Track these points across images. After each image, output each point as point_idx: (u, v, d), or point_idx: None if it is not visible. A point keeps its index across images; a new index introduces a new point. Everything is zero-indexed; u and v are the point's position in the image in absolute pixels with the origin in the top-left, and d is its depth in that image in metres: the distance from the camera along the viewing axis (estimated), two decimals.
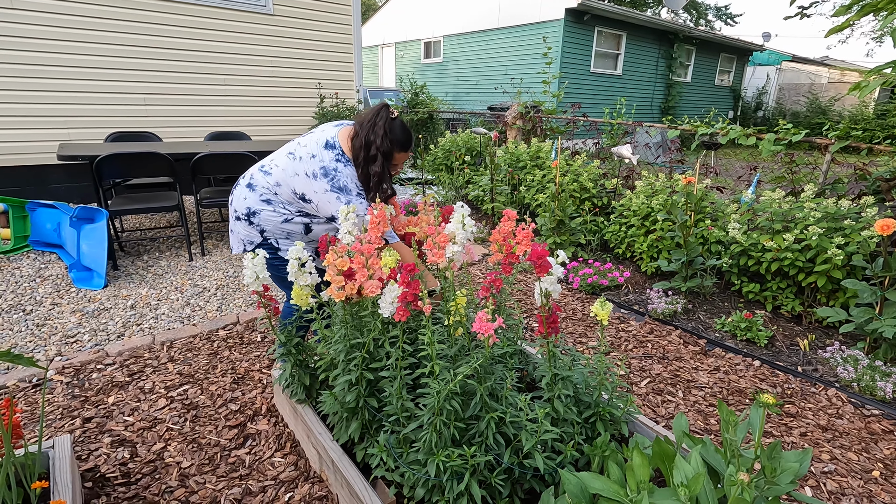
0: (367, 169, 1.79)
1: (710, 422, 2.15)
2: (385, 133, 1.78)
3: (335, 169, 1.78)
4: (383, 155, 1.79)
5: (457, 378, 1.31)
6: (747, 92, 17.13)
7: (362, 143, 1.78)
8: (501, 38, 12.36)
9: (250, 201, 1.88)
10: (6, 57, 4.39)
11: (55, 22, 4.56)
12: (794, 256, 2.89)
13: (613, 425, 1.60)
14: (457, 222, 1.42)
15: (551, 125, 6.10)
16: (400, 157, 1.87)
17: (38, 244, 3.78)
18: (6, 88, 4.44)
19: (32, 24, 4.46)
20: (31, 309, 2.90)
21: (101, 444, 1.85)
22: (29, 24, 4.44)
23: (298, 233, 1.92)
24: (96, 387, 2.19)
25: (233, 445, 1.88)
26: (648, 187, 3.91)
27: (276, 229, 1.90)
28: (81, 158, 3.35)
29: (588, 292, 3.49)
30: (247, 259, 1.56)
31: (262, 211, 1.87)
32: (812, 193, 3.16)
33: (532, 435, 1.34)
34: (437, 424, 1.34)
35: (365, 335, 1.48)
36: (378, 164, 1.79)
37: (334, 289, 1.43)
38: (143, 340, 2.58)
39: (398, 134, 1.81)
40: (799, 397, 2.34)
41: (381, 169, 1.79)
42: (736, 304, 3.28)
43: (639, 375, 2.49)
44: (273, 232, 1.90)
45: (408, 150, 1.86)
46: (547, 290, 1.41)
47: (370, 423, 1.59)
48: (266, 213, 1.87)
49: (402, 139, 1.82)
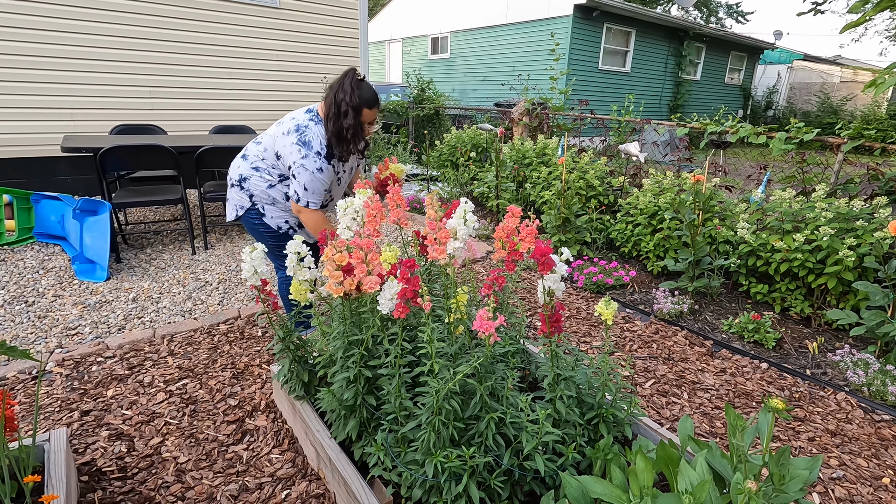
0: (341, 123, 1.94)
1: (715, 425, 2.11)
2: (353, 90, 1.93)
3: (306, 126, 1.99)
4: (353, 110, 1.94)
5: (456, 377, 1.28)
6: (757, 91, 16.93)
7: (332, 101, 1.95)
8: (509, 35, 12.27)
9: (242, 168, 2.13)
10: (13, 49, 4.39)
11: (62, 14, 4.55)
12: (805, 257, 2.83)
13: (616, 427, 1.56)
14: (458, 217, 1.39)
15: (558, 122, 6.04)
16: (368, 115, 2.00)
17: (42, 236, 3.78)
18: (13, 80, 4.44)
19: (39, 17, 4.45)
20: (33, 300, 2.90)
21: (99, 438, 1.83)
22: (36, 17, 4.43)
23: (281, 200, 2.13)
24: (96, 380, 2.18)
25: (231, 441, 1.86)
26: (656, 185, 3.86)
27: (263, 194, 2.12)
28: (85, 150, 3.34)
29: (593, 291, 3.45)
30: (245, 253, 1.53)
31: (251, 177, 2.11)
32: (823, 193, 3.09)
33: (533, 436, 1.31)
34: (436, 424, 1.31)
35: (363, 332, 1.46)
36: (350, 118, 1.94)
37: (332, 284, 1.40)
38: (144, 334, 2.57)
39: (365, 91, 1.96)
40: (807, 401, 2.29)
41: (354, 121, 1.95)
42: (743, 305, 3.23)
43: (643, 376, 2.45)
44: (260, 197, 2.13)
45: (375, 108, 2.01)
46: (550, 289, 1.38)
47: (368, 421, 1.57)
48: (254, 178, 2.10)
49: (369, 96, 1.97)
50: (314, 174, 1.97)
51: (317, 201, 2.04)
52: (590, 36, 11.21)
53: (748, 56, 15.74)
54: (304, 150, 1.96)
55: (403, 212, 1.67)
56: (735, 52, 15.10)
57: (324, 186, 2.03)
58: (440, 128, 8.19)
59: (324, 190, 2.04)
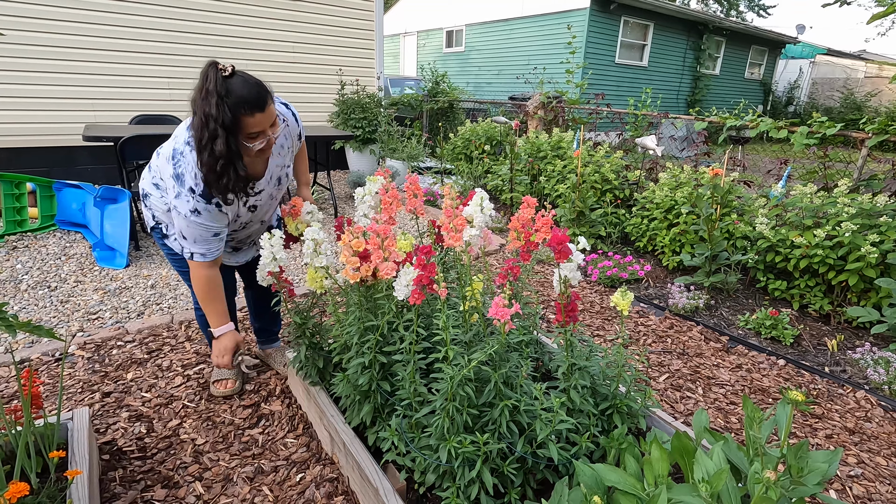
0: (212, 149, 1.39)
1: (730, 420, 2.09)
2: (220, 98, 1.35)
3: (181, 153, 1.50)
4: (225, 128, 1.37)
5: (471, 364, 1.28)
6: (778, 86, 16.59)
7: (201, 121, 1.38)
8: (525, 28, 12.18)
9: (145, 182, 1.72)
10: (36, 40, 4.47)
11: (85, 6, 4.62)
12: (825, 253, 2.78)
13: (630, 419, 1.56)
14: (475, 205, 1.39)
15: (574, 115, 5.99)
16: (253, 122, 1.41)
17: (64, 223, 3.86)
18: (35, 71, 4.53)
19: (62, 7, 4.52)
20: (55, 286, 2.96)
21: (119, 419, 1.88)
22: (58, 7, 4.51)
23: None
24: (116, 363, 2.23)
25: (246, 425, 1.89)
26: (673, 179, 3.81)
27: (164, 216, 1.71)
28: (106, 140, 3.40)
29: (607, 285, 3.42)
30: (264, 240, 1.55)
31: (151, 195, 1.69)
32: (846, 189, 3.03)
33: (546, 424, 1.31)
34: (450, 410, 1.32)
35: (379, 318, 1.47)
36: (221, 143, 1.38)
37: (349, 270, 1.41)
38: (163, 319, 2.61)
39: (239, 91, 1.37)
40: (825, 398, 2.26)
41: (225, 148, 1.39)
42: (761, 301, 3.19)
43: (657, 370, 2.43)
44: (161, 218, 1.73)
45: (262, 109, 1.41)
46: (566, 277, 1.37)
47: (382, 406, 1.58)
48: (154, 197, 1.68)
49: (247, 95, 1.38)
50: (187, 218, 1.49)
51: (204, 251, 1.57)
52: (607, 29, 11.08)
53: (769, 50, 15.43)
54: (178, 187, 1.47)
55: (420, 201, 1.68)
56: (756, 46, 14.81)
57: (210, 232, 1.55)
58: (454, 121, 8.17)
59: (211, 236, 1.56)
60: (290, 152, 1.78)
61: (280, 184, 1.76)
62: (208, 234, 1.55)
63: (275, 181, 1.73)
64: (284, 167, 1.75)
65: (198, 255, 1.58)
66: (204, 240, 1.55)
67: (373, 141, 5.98)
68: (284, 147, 1.72)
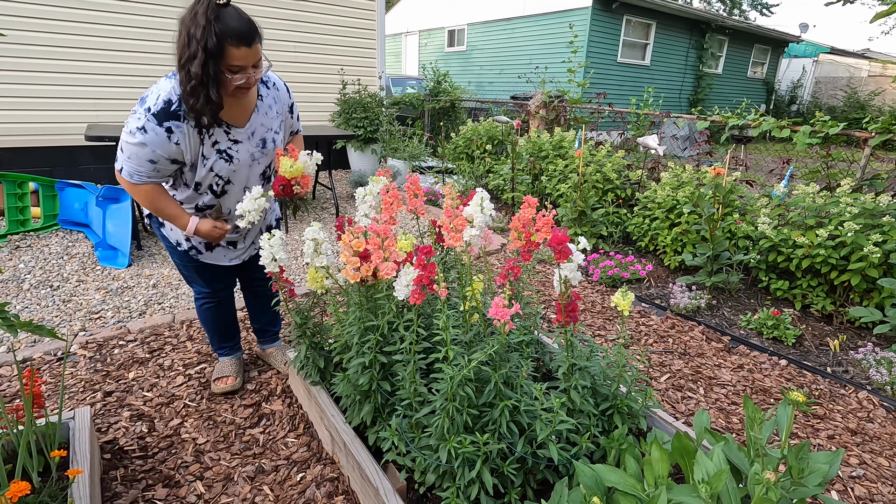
0: (189, 70, 1.37)
1: (732, 420, 2.08)
2: (209, 22, 1.33)
3: (156, 82, 1.49)
4: (206, 52, 1.34)
5: (471, 364, 1.28)
6: (781, 85, 16.53)
7: (184, 40, 1.37)
8: (527, 27, 12.16)
9: None
10: (39, 39, 4.48)
11: (87, 5, 4.63)
12: (828, 253, 2.77)
13: (631, 419, 1.56)
14: (476, 205, 1.39)
15: (575, 115, 5.98)
16: (238, 55, 1.39)
17: (67, 223, 3.88)
18: (37, 70, 4.54)
19: (65, 7, 4.54)
20: (58, 285, 2.97)
21: (121, 418, 1.88)
22: (61, 7, 4.52)
23: None
24: (118, 362, 2.24)
25: (247, 424, 1.90)
26: (674, 179, 3.80)
27: None
28: (108, 139, 3.40)
29: (608, 285, 3.42)
30: (263, 240, 1.55)
31: None
32: (849, 188, 3.02)
33: (547, 425, 1.31)
34: (450, 410, 1.32)
35: (379, 318, 1.47)
36: (198, 64, 1.35)
37: (350, 270, 1.41)
38: (164, 319, 2.62)
39: (229, 21, 1.36)
40: (827, 399, 2.25)
41: (200, 70, 1.35)
42: (763, 301, 3.18)
43: (658, 370, 2.43)
44: None
45: (248, 44, 1.39)
46: (566, 278, 1.37)
47: (382, 406, 1.58)
48: None
49: (237, 27, 1.37)
50: (132, 133, 1.42)
51: (132, 171, 1.47)
52: (609, 28, 11.05)
53: (772, 49, 15.37)
54: (137, 108, 1.45)
55: (421, 201, 1.68)
56: (759, 45, 14.76)
57: (146, 156, 1.45)
58: (456, 120, 8.16)
59: (147, 160, 1.46)
60: (280, 120, 1.74)
61: (264, 147, 1.69)
62: (144, 158, 1.45)
63: (257, 141, 1.66)
64: (271, 130, 1.70)
65: (126, 171, 1.48)
66: (138, 159, 1.45)
67: (374, 140, 5.99)
68: (273, 109, 1.70)
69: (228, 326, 2.10)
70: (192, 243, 1.78)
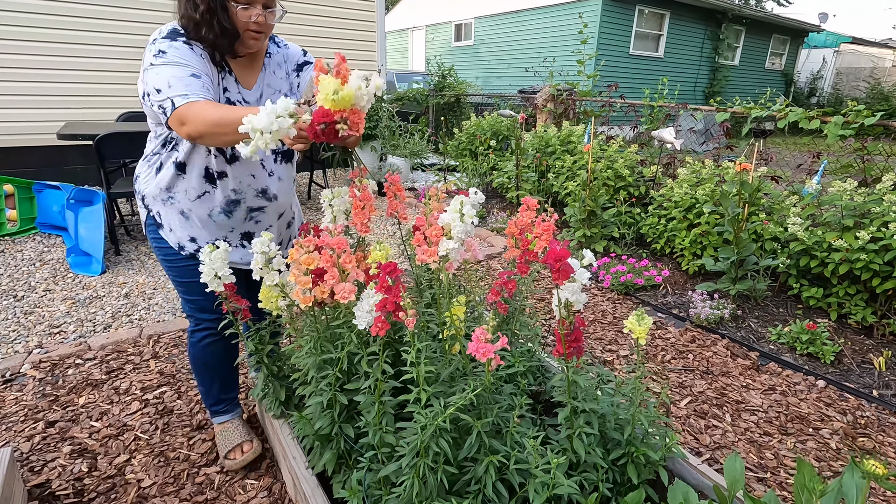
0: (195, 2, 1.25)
1: (765, 455, 1.79)
2: None
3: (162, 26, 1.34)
4: None
5: (447, 411, 1.02)
6: (800, 77, 15.96)
7: None
8: (535, 19, 11.81)
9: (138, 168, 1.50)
10: (19, 35, 4.29)
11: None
12: (869, 258, 2.45)
13: (648, 468, 1.28)
14: (454, 212, 1.11)
15: (585, 108, 5.67)
16: None
17: (45, 226, 3.68)
18: (19, 67, 4.35)
19: (44, 1, 4.34)
20: (22, 295, 2.76)
21: (60, 454, 1.65)
22: (40, 1, 4.32)
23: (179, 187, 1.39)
24: (70, 385, 2.01)
25: (203, 461, 1.65)
26: (693, 175, 3.49)
27: (154, 189, 1.41)
28: (81, 137, 3.19)
29: (620, 292, 3.13)
30: (204, 254, 1.29)
31: (141, 173, 1.46)
32: (891, 184, 2.69)
33: (543, 487, 1.04)
34: (422, 468, 1.06)
35: (338, 350, 1.21)
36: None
37: (299, 292, 1.15)
38: (130, 333, 2.39)
39: None
40: (875, 428, 1.94)
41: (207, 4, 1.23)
42: (794, 310, 2.86)
43: (678, 393, 2.14)
44: (152, 197, 1.43)
45: None
46: (568, 301, 1.09)
47: (349, 452, 1.32)
48: (143, 171, 1.45)
49: None
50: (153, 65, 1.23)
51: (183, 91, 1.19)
52: (621, 19, 10.67)
53: (791, 39, 14.83)
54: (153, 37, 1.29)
55: (402, 203, 1.41)
56: (777, 35, 14.23)
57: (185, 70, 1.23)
58: (461, 116, 7.87)
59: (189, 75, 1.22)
60: (288, 83, 1.54)
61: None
62: (184, 73, 1.22)
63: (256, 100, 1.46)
64: (279, 92, 1.51)
65: (178, 97, 1.18)
66: (179, 79, 1.20)
67: (373, 137, 5.73)
68: (281, 69, 1.52)
69: (235, 369, 1.70)
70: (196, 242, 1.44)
